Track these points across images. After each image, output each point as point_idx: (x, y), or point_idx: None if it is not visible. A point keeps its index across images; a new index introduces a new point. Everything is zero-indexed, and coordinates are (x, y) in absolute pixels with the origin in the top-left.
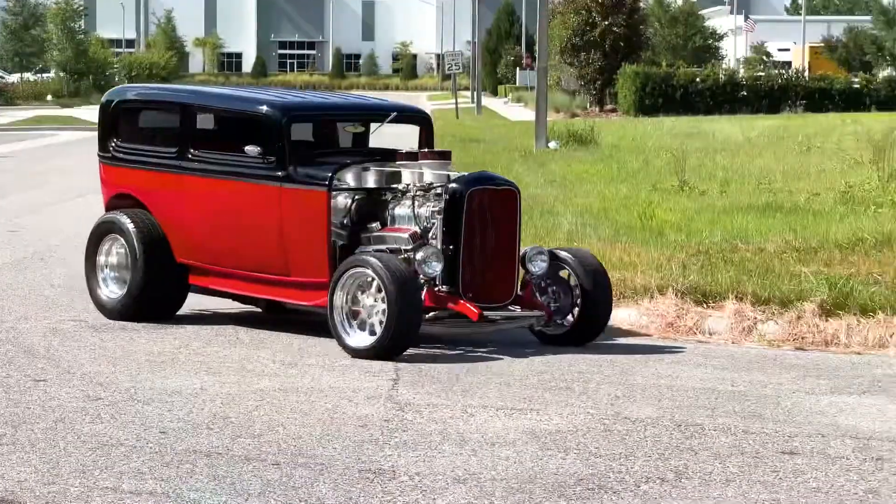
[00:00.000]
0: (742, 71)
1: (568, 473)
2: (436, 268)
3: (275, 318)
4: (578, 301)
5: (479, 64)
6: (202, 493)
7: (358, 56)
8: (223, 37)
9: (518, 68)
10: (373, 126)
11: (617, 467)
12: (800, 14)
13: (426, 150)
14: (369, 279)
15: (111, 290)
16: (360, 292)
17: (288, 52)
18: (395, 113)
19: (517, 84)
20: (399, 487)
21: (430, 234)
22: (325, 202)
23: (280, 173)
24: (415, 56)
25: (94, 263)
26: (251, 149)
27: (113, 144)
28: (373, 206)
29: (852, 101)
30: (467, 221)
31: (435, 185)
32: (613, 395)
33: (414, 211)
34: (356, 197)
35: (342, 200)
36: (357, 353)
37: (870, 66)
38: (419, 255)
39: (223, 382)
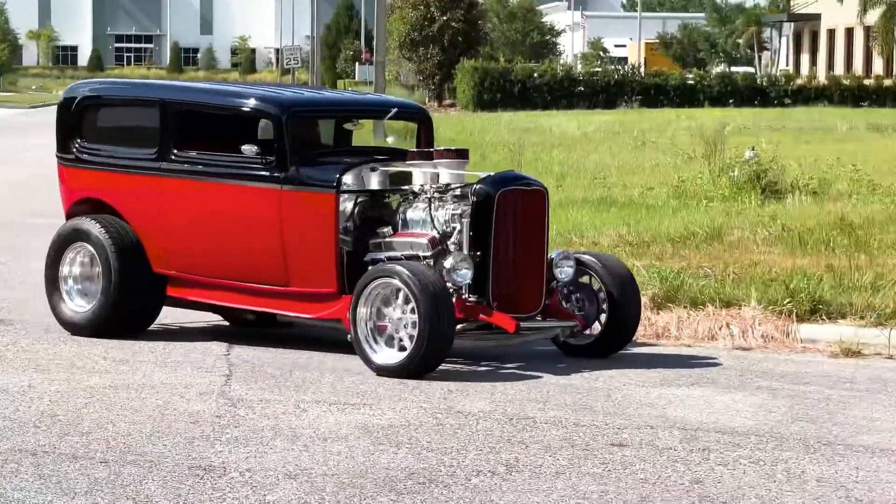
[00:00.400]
0: (579, 66)
1: (399, 468)
2: (466, 276)
3: (241, 331)
4: (605, 308)
5: (318, 59)
6: (27, 492)
7: (196, 50)
8: (58, 29)
9: (357, 63)
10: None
11: (448, 461)
12: (636, 11)
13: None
14: (396, 290)
15: (77, 304)
16: (385, 305)
17: (125, 45)
18: (395, 109)
19: (356, 79)
20: (229, 484)
21: (451, 240)
22: (332, 205)
23: (280, 174)
24: (254, 50)
25: (55, 275)
26: (248, 148)
27: (77, 145)
28: (382, 208)
29: (686, 96)
30: (497, 225)
31: (453, 185)
32: (446, 389)
33: (430, 214)
34: (364, 199)
35: (348, 203)
36: (384, 371)
37: (703, 62)
38: (448, 263)
39: (52, 380)
